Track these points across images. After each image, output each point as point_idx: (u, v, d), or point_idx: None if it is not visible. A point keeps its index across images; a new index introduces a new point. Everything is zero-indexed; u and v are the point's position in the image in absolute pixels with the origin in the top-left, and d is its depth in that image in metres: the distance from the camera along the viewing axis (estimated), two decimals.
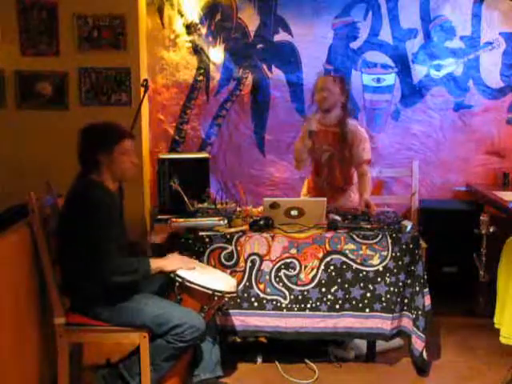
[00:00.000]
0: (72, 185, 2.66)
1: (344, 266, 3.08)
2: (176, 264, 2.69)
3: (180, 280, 2.64)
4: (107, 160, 2.62)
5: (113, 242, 2.54)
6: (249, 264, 3.08)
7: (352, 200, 3.75)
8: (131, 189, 3.94)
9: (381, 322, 3.09)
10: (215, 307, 2.79)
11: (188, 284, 2.63)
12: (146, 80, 3.83)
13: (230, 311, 3.09)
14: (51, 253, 2.56)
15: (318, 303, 3.08)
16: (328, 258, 3.08)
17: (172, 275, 2.65)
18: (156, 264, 2.63)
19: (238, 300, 3.09)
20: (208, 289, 2.65)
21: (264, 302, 3.09)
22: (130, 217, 3.71)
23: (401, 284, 3.09)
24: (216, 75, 4.56)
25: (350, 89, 3.96)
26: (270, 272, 3.08)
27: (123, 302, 2.59)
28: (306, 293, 3.08)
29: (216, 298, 2.69)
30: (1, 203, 2.77)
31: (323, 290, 3.08)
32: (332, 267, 3.08)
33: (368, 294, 3.08)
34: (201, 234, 3.09)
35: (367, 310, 3.09)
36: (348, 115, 3.66)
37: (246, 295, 3.09)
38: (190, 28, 4.49)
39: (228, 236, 3.08)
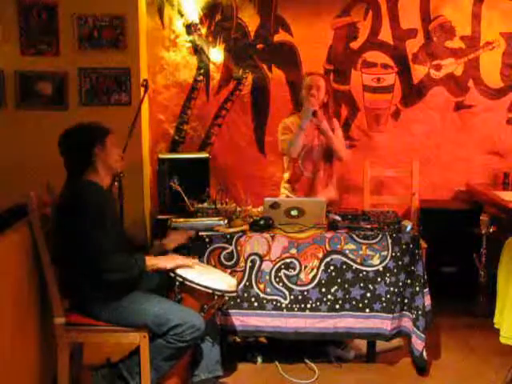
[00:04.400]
0: (65, 186, 2.66)
1: (344, 266, 3.08)
2: (172, 262, 2.67)
3: (180, 279, 2.63)
4: (103, 153, 2.66)
5: (108, 240, 2.54)
6: (249, 264, 3.08)
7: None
8: (131, 189, 3.96)
9: (381, 322, 3.09)
10: (215, 307, 2.79)
11: (188, 283, 2.63)
12: (145, 80, 3.83)
13: (230, 311, 3.09)
14: (51, 253, 2.56)
15: (318, 303, 3.08)
16: (328, 258, 3.08)
17: (172, 274, 2.65)
18: (151, 261, 2.63)
19: (238, 300, 3.09)
20: (208, 288, 2.64)
21: (264, 301, 3.09)
22: (130, 217, 3.73)
23: (401, 284, 3.08)
24: (216, 75, 4.56)
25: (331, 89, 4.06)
26: (270, 272, 3.08)
27: (122, 301, 2.59)
28: (305, 293, 3.08)
29: (216, 298, 2.69)
30: (1, 203, 2.76)
31: (323, 290, 3.08)
32: (332, 267, 3.08)
33: (368, 294, 3.08)
34: (201, 233, 3.09)
35: (367, 310, 3.09)
36: (330, 114, 3.76)
37: (246, 295, 3.09)
38: (190, 28, 4.49)
39: (228, 236, 3.08)
